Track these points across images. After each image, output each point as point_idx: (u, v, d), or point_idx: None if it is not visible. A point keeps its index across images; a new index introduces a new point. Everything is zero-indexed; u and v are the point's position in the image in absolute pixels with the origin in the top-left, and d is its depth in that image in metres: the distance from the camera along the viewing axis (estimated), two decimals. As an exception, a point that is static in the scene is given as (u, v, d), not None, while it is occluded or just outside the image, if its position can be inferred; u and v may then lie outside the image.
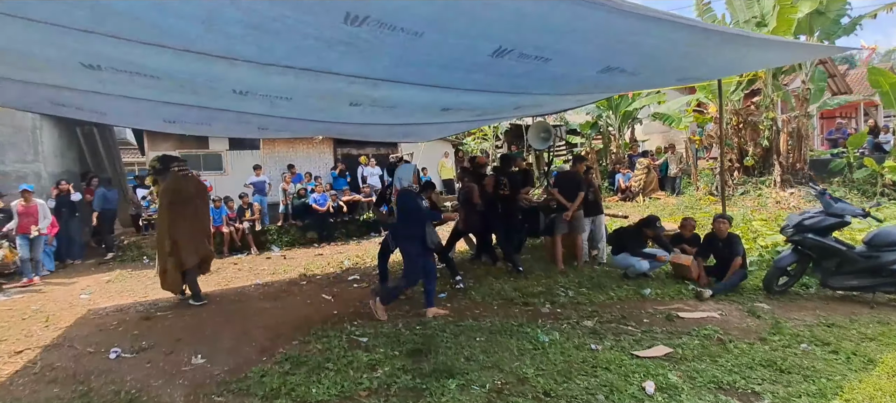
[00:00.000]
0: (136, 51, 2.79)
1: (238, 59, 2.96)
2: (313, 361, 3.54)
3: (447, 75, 3.51)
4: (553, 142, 9.20)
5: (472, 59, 3.14)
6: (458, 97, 4.26)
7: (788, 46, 3.55)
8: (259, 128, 6.41)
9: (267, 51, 2.88)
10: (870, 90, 19.21)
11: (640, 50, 3.11)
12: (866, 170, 9.92)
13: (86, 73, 3.48)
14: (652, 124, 17.51)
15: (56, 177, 8.89)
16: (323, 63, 3.04)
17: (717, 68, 4.06)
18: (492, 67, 3.29)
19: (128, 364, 3.72)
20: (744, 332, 3.84)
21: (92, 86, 3.96)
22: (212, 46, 2.77)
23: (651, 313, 4.40)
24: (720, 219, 5.20)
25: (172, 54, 2.86)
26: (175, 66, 3.15)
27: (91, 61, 3.25)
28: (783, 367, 3.18)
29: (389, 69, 3.30)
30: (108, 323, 4.96)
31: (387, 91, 3.85)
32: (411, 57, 3.04)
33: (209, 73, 3.30)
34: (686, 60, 3.46)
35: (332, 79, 3.36)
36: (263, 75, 3.28)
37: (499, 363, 3.40)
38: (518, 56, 3.05)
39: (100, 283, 7.03)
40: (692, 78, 3.86)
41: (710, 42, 3.07)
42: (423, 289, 4.68)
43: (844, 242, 4.70)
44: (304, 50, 2.87)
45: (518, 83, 3.83)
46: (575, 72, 3.66)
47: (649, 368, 3.19)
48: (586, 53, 3.16)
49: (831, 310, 4.37)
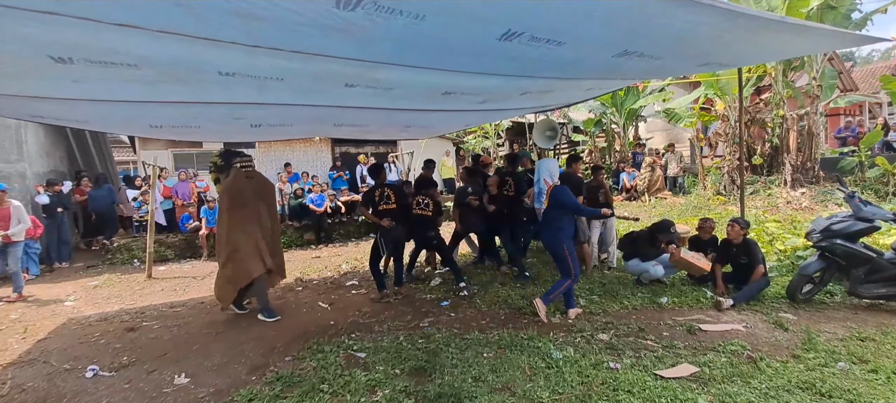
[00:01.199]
0: (106, 34, 2.47)
1: (223, 41, 2.66)
2: (307, 382, 3.25)
3: (452, 60, 3.21)
4: (559, 141, 8.89)
5: (479, 43, 2.84)
6: (462, 80, 3.95)
7: (824, 34, 3.25)
8: (252, 126, 6.07)
9: (254, 34, 2.58)
10: (874, 87, 19.01)
11: (665, 33, 2.81)
12: (879, 169, 9.65)
13: (57, 71, 3.16)
14: (655, 122, 17.26)
15: (42, 178, 8.56)
16: (315, 47, 2.75)
17: (743, 55, 3.76)
18: (500, 51, 3.01)
19: (105, 385, 3.42)
20: (774, 348, 3.56)
21: (67, 90, 3.64)
22: (193, 28, 2.47)
23: (670, 324, 4.12)
24: (735, 223, 4.91)
25: (149, 38, 2.55)
26: (153, 51, 2.84)
27: (60, 53, 2.93)
28: (823, 390, 2.90)
29: (389, 54, 3.00)
30: (90, 334, 4.65)
31: (386, 72, 3.55)
32: (413, 41, 2.74)
33: (192, 57, 3.00)
34: (714, 45, 3.16)
35: (325, 61, 3.06)
36: (251, 56, 2.98)
37: (510, 384, 3.11)
38: (529, 39, 2.75)
39: (86, 289, 6.72)
40: (715, 64, 3.59)
41: (745, 27, 2.78)
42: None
43: (874, 248, 4.42)
44: (296, 36, 2.57)
45: (527, 67, 3.53)
46: (590, 58, 3.36)
47: (676, 392, 2.91)
48: (604, 37, 2.87)
49: (861, 322, 4.09)
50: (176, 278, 7.26)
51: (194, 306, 5.56)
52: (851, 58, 25.33)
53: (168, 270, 7.92)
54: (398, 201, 5.36)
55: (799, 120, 10.70)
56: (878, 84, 18.11)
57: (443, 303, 5.02)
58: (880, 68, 19.73)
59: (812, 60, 10.31)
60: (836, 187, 5.56)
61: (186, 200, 9.53)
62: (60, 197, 8.21)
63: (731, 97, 11.10)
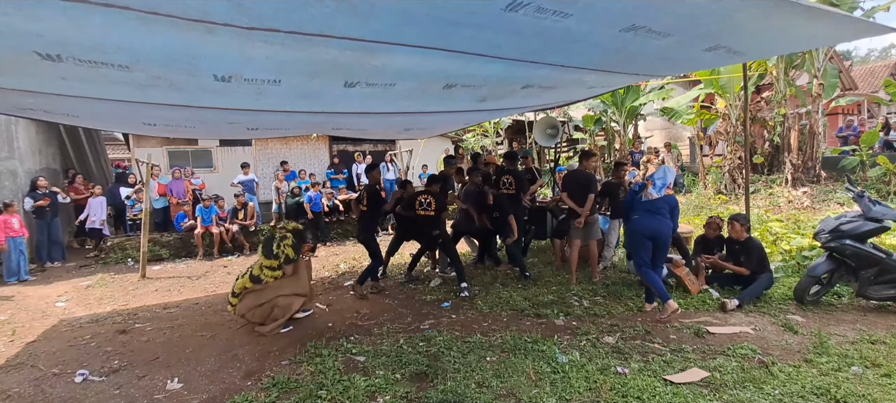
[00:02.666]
0: (94, 18, 2.33)
1: (216, 23, 2.52)
2: (304, 387, 3.13)
3: (454, 33, 3.07)
4: (561, 139, 8.79)
5: (484, 12, 2.71)
6: (464, 66, 3.81)
7: (837, 19, 3.11)
8: (248, 129, 5.95)
9: (248, 10, 2.45)
10: (872, 86, 19.00)
11: (675, 6, 2.68)
12: (880, 168, 9.60)
13: (46, 69, 3.03)
14: (655, 120, 17.19)
15: (34, 175, 8.39)
16: (313, 23, 2.61)
17: (752, 42, 3.61)
18: (504, 23, 2.88)
19: (94, 391, 3.29)
20: (785, 352, 3.46)
21: (56, 87, 3.51)
22: (183, 8, 2.33)
23: (677, 327, 4.02)
24: (735, 221, 4.83)
25: (138, 20, 2.41)
26: (143, 43, 2.71)
27: (48, 49, 2.79)
28: (838, 396, 2.81)
29: (389, 29, 2.87)
30: (81, 337, 4.51)
31: (385, 57, 3.41)
32: (414, 10, 2.61)
33: (184, 49, 2.86)
34: (724, 24, 3.02)
35: (323, 44, 2.93)
36: (246, 44, 2.84)
37: (515, 390, 3.01)
38: (535, 9, 2.62)
39: (78, 289, 6.57)
40: (723, 50, 3.47)
41: (757, 5, 2.66)
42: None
43: (883, 248, 4.34)
44: (291, 8, 2.44)
45: (530, 46, 3.39)
46: (595, 31, 3.21)
47: (687, 398, 2.81)
48: (613, 4, 2.74)
49: (870, 324, 4.01)
50: (170, 278, 7.12)
51: (188, 307, 5.43)
52: (849, 57, 25.33)
53: (162, 270, 7.78)
54: (369, 202, 5.50)
55: (800, 119, 10.64)
56: (876, 83, 18.13)
57: (444, 305, 4.91)
58: (878, 67, 19.73)
59: (813, 58, 10.25)
60: (844, 187, 5.47)
61: (181, 198, 9.38)
62: (48, 196, 8.04)
63: (732, 95, 11.03)
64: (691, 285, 4.82)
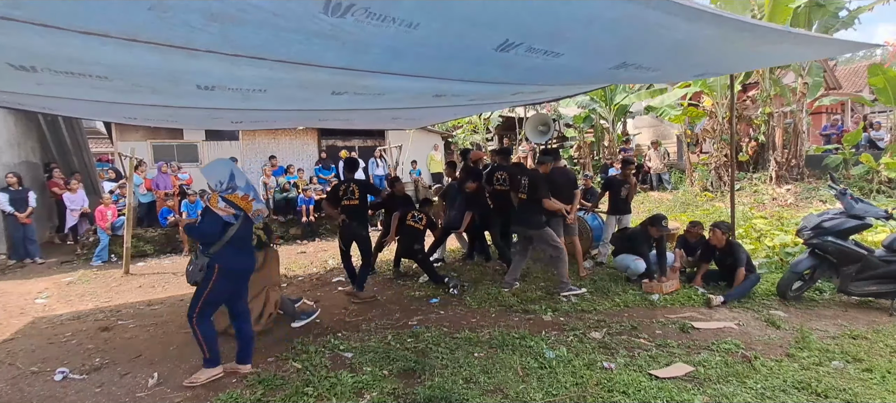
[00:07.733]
0: (73, 40, 2.24)
1: (199, 49, 2.45)
2: (290, 384, 3.10)
3: (446, 68, 3.07)
4: (552, 136, 8.81)
5: (476, 52, 2.71)
6: (455, 86, 3.83)
7: (823, 42, 3.22)
8: (232, 123, 5.87)
9: (233, 41, 2.38)
10: (857, 86, 19.34)
11: (664, 44, 2.72)
12: (863, 166, 9.78)
13: (19, 78, 2.92)
14: (643, 118, 17.30)
15: (11, 169, 8.17)
16: (301, 56, 2.57)
17: (740, 63, 3.70)
18: (496, 61, 2.89)
19: (75, 389, 3.22)
20: (767, 346, 3.51)
21: (31, 90, 3.40)
22: (166, 36, 2.26)
23: (663, 322, 4.06)
24: (716, 229, 4.88)
25: (117, 46, 2.33)
26: (124, 61, 2.62)
27: (22, 61, 2.68)
28: (819, 390, 2.86)
29: (379, 62, 2.84)
30: (61, 333, 4.42)
31: (376, 80, 3.39)
32: (405, 50, 2.59)
33: (167, 67, 2.78)
34: (713, 54, 3.08)
35: (312, 69, 2.89)
36: (232, 66, 2.78)
37: (502, 385, 3.01)
38: (526, 50, 2.64)
39: (59, 285, 6.44)
40: (712, 72, 3.54)
41: (750, 38, 2.69)
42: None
43: (864, 245, 4.42)
44: (279, 42, 2.39)
45: (522, 76, 3.43)
46: (587, 67, 3.26)
47: (672, 393, 2.84)
48: (603, 48, 2.77)
49: (852, 319, 4.09)
50: (154, 274, 7.00)
51: (173, 304, 5.34)
52: (834, 56, 25.75)
53: (146, 266, 7.65)
54: (361, 196, 5.18)
55: (785, 117, 10.80)
56: (860, 82, 18.45)
57: (432, 301, 4.90)
58: (863, 67, 20.05)
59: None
60: (827, 184, 5.56)
61: (168, 189, 9.23)
62: (19, 193, 7.85)
63: (719, 93, 11.14)
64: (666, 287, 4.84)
